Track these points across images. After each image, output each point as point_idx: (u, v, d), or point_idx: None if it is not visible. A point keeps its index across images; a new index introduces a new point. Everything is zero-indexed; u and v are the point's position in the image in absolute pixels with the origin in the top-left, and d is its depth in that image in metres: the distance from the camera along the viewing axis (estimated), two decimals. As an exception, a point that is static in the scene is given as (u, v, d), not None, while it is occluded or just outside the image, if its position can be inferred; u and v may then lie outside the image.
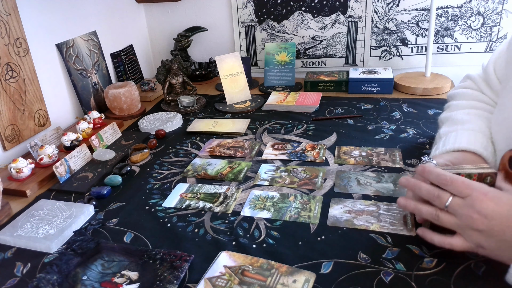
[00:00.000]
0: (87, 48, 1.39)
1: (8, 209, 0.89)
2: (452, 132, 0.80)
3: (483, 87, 0.89)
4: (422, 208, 0.64)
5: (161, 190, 0.93)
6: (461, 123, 0.81)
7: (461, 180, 0.60)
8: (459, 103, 0.89)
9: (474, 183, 0.60)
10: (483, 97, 0.88)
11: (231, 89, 1.40)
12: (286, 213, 0.81)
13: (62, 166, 0.99)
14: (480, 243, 0.59)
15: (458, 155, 0.73)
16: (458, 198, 0.60)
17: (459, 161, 0.72)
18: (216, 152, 1.08)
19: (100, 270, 0.70)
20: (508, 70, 0.79)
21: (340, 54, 1.59)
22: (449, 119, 0.86)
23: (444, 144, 0.78)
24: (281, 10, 1.57)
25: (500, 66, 0.84)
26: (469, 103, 0.87)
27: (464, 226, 0.59)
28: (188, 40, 1.65)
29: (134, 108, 1.38)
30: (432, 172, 0.63)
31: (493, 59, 0.87)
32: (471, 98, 0.89)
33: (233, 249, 0.73)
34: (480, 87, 0.89)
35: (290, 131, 1.17)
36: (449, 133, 0.80)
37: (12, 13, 1.08)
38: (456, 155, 0.73)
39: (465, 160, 0.72)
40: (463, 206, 0.59)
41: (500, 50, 0.87)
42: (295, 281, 0.64)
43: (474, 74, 0.94)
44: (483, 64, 0.91)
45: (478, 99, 0.88)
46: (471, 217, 0.58)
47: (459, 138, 0.76)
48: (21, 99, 1.12)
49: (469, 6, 1.41)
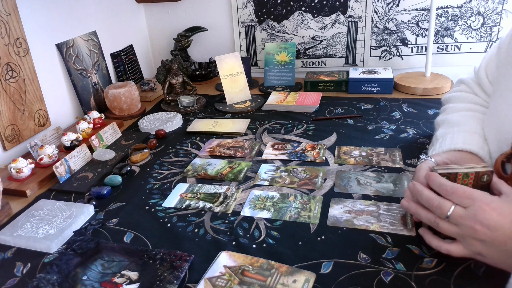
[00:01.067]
0: (87, 48, 1.39)
1: (8, 209, 0.89)
2: (449, 134, 0.81)
3: (477, 90, 0.90)
4: (422, 213, 0.65)
5: (161, 190, 0.93)
6: (457, 125, 0.82)
7: (463, 189, 0.60)
8: (454, 106, 0.90)
9: (475, 192, 0.59)
10: (477, 99, 0.89)
11: (231, 89, 1.40)
12: (286, 213, 0.81)
13: (62, 166, 0.99)
14: (480, 252, 0.59)
15: (455, 154, 0.74)
16: (460, 208, 0.59)
17: (457, 159, 0.73)
18: (216, 152, 1.08)
19: (100, 270, 0.70)
20: (498, 73, 0.80)
21: (340, 54, 1.59)
22: (445, 121, 0.87)
23: (440, 145, 0.79)
24: (281, 10, 1.57)
25: (491, 69, 0.85)
26: (464, 106, 0.88)
27: (466, 235, 0.59)
28: (188, 40, 1.65)
29: (134, 108, 1.38)
30: (435, 181, 0.63)
31: (484, 63, 0.88)
32: (466, 101, 0.90)
33: (233, 249, 0.73)
34: (474, 90, 0.91)
35: (290, 131, 1.17)
36: (445, 135, 0.81)
37: (12, 13, 1.08)
38: (453, 154, 0.74)
39: (462, 159, 0.73)
40: (465, 216, 0.58)
41: (490, 53, 0.88)
42: (295, 281, 0.64)
43: (466, 77, 0.95)
44: (475, 68, 0.93)
45: (472, 101, 0.89)
46: (473, 228, 0.57)
47: (455, 139, 0.77)
48: (21, 99, 1.12)
49: (469, 6, 1.41)
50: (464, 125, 0.81)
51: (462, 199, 0.59)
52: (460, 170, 0.64)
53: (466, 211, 0.59)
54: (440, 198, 0.62)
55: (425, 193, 0.64)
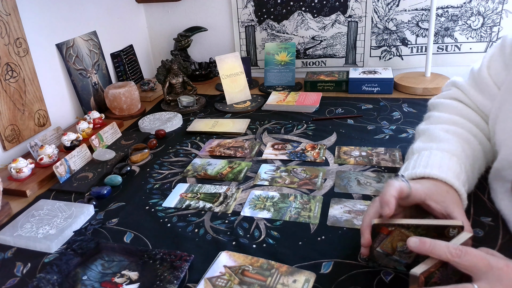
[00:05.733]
0: (87, 48, 1.39)
1: (8, 209, 0.89)
2: (426, 150, 0.75)
3: (472, 94, 0.83)
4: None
5: (161, 190, 0.93)
6: (437, 141, 0.77)
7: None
8: (440, 116, 0.84)
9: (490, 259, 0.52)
10: (467, 111, 0.83)
11: (231, 89, 1.40)
12: (286, 213, 0.81)
13: (62, 166, 0.99)
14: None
15: (430, 185, 0.67)
16: (482, 282, 0.51)
17: (431, 192, 0.66)
18: (216, 152, 1.08)
19: (100, 270, 0.70)
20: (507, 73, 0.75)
21: (340, 54, 1.59)
22: (426, 133, 0.81)
23: (415, 165, 0.72)
24: (281, 10, 1.57)
25: (496, 70, 0.79)
26: (450, 118, 0.82)
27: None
28: (188, 40, 1.65)
29: (134, 108, 1.38)
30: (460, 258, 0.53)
31: (486, 63, 0.82)
32: (454, 112, 0.83)
33: (233, 249, 0.73)
34: (468, 94, 0.84)
35: (290, 131, 1.17)
36: (422, 150, 0.76)
37: (12, 13, 1.08)
38: (428, 185, 0.67)
39: (437, 192, 0.66)
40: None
41: (492, 53, 0.82)
42: (295, 281, 0.64)
43: (460, 81, 0.87)
44: (473, 69, 0.86)
45: (461, 114, 0.82)
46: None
47: (431, 161, 0.71)
48: (21, 99, 1.12)
49: (469, 6, 1.41)
50: (444, 142, 0.75)
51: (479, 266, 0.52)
52: (424, 223, 0.60)
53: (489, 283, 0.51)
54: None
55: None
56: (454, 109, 0.84)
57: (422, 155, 0.74)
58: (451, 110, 0.84)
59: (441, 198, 0.65)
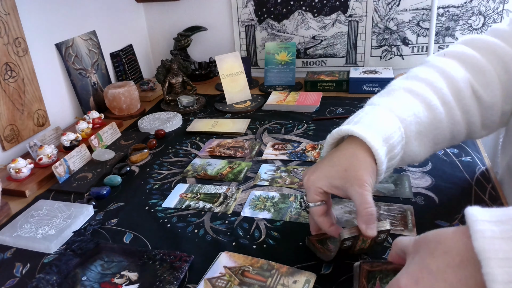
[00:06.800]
0: (86, 48, 1.38)
1: (7, 210, 0.89)
2: (371, 106, 0.67)
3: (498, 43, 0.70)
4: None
5: (161, 190, 0.93)
6: (390, 97, 0.67)
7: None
8: (424, 72, 0.74)
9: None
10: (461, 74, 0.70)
11: (231, 89, 1.40)
12: (286, 214, 0.81)
13: (61, 166, 0.99)
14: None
15: (329, 168, 0.63)
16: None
17: (332, 178, 0.62)
18: (216, 152, 1.07)
19: (100, 270, 0.70)
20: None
21: (341, 53, 1.58)
22: (389, 87, 0.72)
23: (349, 120, 0.67)
24: (281, 9, 1.57)
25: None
26: (429, 79, 0.71)
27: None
28: (188, 39, 1.64)
29: (134, 108, 1.38)
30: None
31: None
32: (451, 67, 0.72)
33: (233, 249, 0.72)
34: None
35: (290, 131, 1.17)
36: (368, 105, 0.69)
37: (11, 12, 1.07)
38: (327, 169, 0.63)
39: (337, 174, 0.61)
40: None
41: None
42: (295, 282, 0.63)
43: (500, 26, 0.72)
44: (499, 28, 0.73)
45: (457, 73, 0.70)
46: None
47: (365, 118, 0.65)
48: (20, 99, 1.11)
49: (470, 6, 1.41)
50: (396, 100, 0.67)
51: None
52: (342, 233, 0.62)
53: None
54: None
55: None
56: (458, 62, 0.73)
57: (363, 110, 0.69)
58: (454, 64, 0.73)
59: (340, 182, 0.62)
